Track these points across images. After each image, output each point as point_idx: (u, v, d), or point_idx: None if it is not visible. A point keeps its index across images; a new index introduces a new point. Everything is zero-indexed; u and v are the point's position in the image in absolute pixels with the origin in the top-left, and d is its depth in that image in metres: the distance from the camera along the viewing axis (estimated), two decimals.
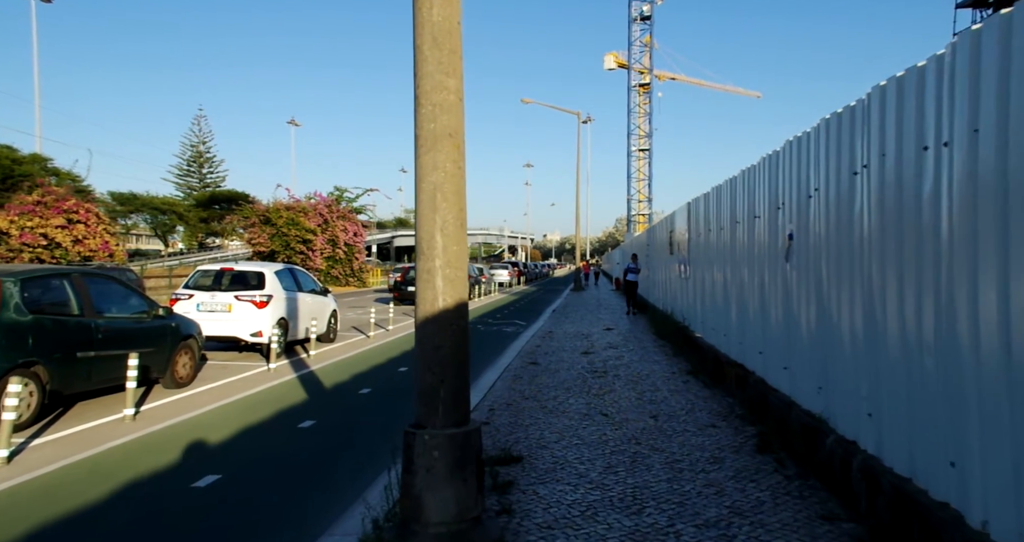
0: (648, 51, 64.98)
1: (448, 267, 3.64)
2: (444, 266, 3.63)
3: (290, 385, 9.18)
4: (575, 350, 12.27)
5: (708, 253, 9.62)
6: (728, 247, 8.22)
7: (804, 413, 5.02)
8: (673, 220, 13.71)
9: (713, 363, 8.59)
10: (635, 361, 10.70)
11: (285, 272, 12.00)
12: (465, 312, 3.79)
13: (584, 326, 16.81)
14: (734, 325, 7.84)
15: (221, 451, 6.00)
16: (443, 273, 3.63)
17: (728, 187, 8.24)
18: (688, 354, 10.55)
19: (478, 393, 8.47)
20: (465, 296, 3.78)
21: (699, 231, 10.38)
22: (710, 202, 9.49)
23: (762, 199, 6.57)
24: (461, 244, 3.70)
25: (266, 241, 34.71)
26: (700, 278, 10.41)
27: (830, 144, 4.61)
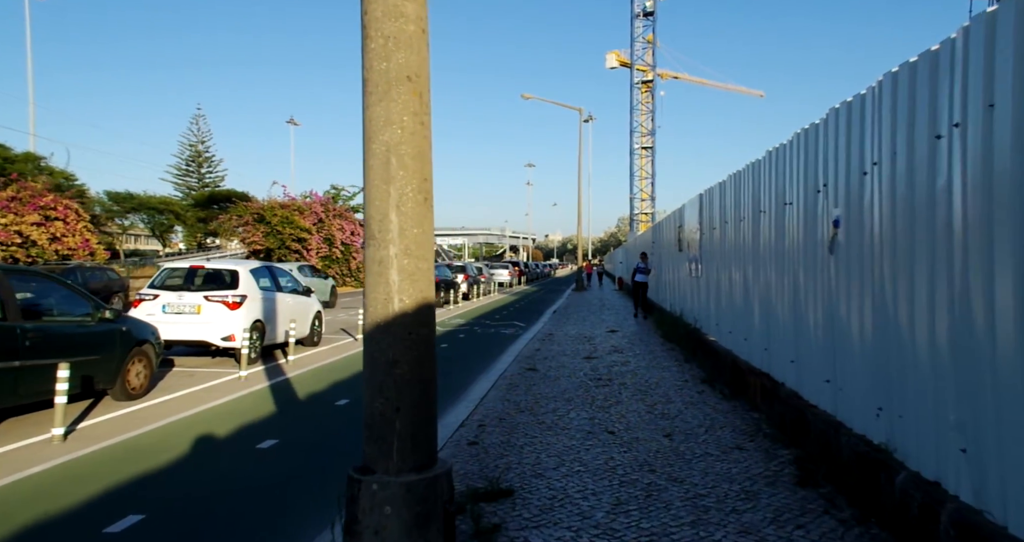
0: (651, 48, 64.03)
1: (407, 256, 2.71)
2: (401, 254, 2.70)
3: (260, 395, 8.25)
4: (577, 354, 11.33)
5: (724, 249, 8.69)
6: (750, 241, 7.28)
7: (858, 439, 4.08)
8: (682, 215, 12.77)
9: (732, 371, 7.66)
10: (643, 367, 9.76)
11: (262, 271, 11.09)
12: (430, 317, 2.87)
13: (587, 328, 15.87)
14: (757, 329, 6.90)
15: (155, 481, 5.07)
16: (399, 264, 2.70)
17: (750, 173, 7.31)
18: (701, 360, 9.61)
19: (467, 404, 7.55)
20: (430, 295, 2.85)
21: (713, 225, 9.44)
22: (726, 192, 8.55)
23: (795, 183, 5.63)
24: (424, 226, 2.78)
25: (260, 240, 33.85)
26: (714, 277, 9.48)
27: (898, 104, 3.67)
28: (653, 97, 64.44)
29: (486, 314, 21.49)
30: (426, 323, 2.79)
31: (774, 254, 6.29)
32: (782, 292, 6.01)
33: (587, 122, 70.18)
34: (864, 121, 4.15)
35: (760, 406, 6.42)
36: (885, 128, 3.84)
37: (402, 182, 2.69)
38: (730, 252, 8.32)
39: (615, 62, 70.18)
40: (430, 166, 2.80)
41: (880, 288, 3.91)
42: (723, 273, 8.75)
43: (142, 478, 5.11)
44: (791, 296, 5.73)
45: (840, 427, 4.38)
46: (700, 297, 10.69)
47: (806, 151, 5.32)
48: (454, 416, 7.01)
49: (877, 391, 3.94)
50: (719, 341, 9.06)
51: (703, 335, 10.13)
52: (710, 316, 9.87)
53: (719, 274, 9.09)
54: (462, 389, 8.73)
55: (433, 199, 2.85)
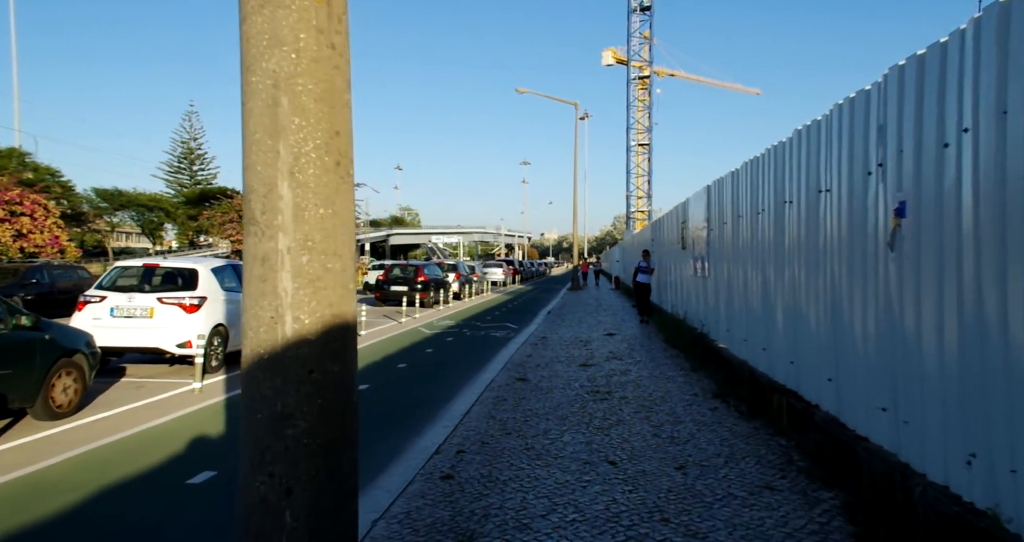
0: (648, 43, 63.08)
1: (306, 251, 1.74)
2: (297, 249, 1.73)
3: (212, 412, 7.26)
4: (572, 361, 10.37)
5: (738, 246, 7.73)
6: (770, 237, 6.33)
7: (941, 495, 3.12)
8: (686, 210, 11.81)
9: (749, 385, 6.70)
10: (645, 377, 8.80)
11: (226, 269, 10.08)
12: (347, 346, 1.89)
13: (582, 331, 14.91)
14: (780, 338, 5.95)
15: (41, 532, 4.08)
16: (294, 264, 1.73)
17: (771, 159, 6.35)
18: (711, 369, 8.65)
19: (448, 422, 6.58)
20: (347, 312, 1.87)
21: (724, 220, 8.48)
22: (740, 183, 7.60)
23: (834, 165, 4.67)
24: (337, 204, 1.80)
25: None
26: (724, 277, 8.52)
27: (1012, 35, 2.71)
28: (650, 93, 63.50)
29: (477, 315, 20.52)
30: (340, 356, 1.83)
31: (804, 251, 5.33)
32: (815, 296, 5.05)
33: (583, 119, 69.32)
34: (947, 79, 3.18)
35: (787, 430, 5.46)
36: (981, 87, 2.87)
37: (298, 136, 1.72)
38: (745, 250, 7.37)
39: (611, 59, 69.27)
40: (347, 114, 1.82)
41: (975, 293, 2.94)
42: (736, 273, 7.80)
43: (31, 527, 4.12)
44: (827, 301, 4.77)
45: (909, 473, 3.42)
46: (707, 299, 9.73)
47: (852, 124, 4.35)
48: (430, 438, 6.04)
49: (969, 431, 2.98)
50: (731, 349, 8.10)
51: (711, 342, 9.17)
52: (719, 321, 8.91)
53: (731, 274, 8.14)
54: (444, 403, 7.76)
55: (354, 166, 1.87)
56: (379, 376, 9.71)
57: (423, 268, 22.92)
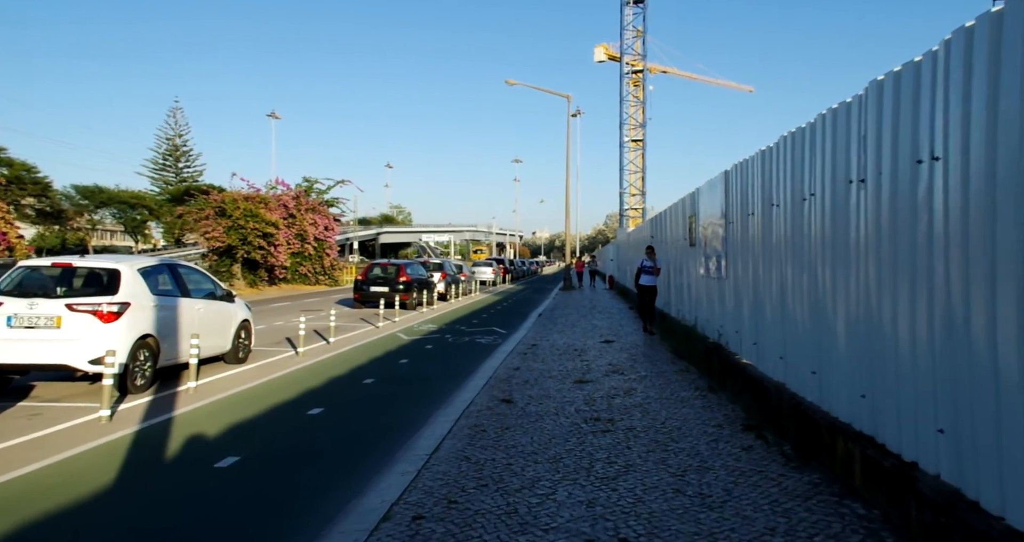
0: (641, 37, 61.70)
1: None
2: None
3: (111, 452, 5.74)
4: (566, 376, 8.92)
5: (771, 241, 6.30)
6: (822, 229, 4.90)
7: None
8: (695, 202, 10.38)
9: (793, 417, 5.26)
10: (654, 399, 7.36)
11: (160, 270, 8.57)
12: None
13: (576, 337, 13.46)
14: (844, 361, 4.51)
15: None
16: None
17: (824, 127, 4.91)
18: (733, 390, 7.22)
19: (409, 466, 5.13)
20: None
21: (750, 210, 7.05)
22: (775, 163, 6.17)
23: (944, 125, 3.23)
24: None
25: (221, 235, 31.16)
26: (749, 279, 7.10)
27: None
28: (643, 88, 62.12)
29: (463, 318, 19.05)
30: None
31: (883, 246, 3.90)
32: (908, 309, 3.61)
33: (575, 116, 67.90)
34: None
35: (863, 492, 4.01)
36: None
37: None
38: (781, 246, 5.93)
39: (603, 55, 67.94)
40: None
41: None
42: (767, 275, 6.36)
43: None
44: (935, 314, 3.34)
45: None
46: (724, 304, 8.30)
47: (949, 79, 2.91)
48: (378, 495, 4.57)
49: None
50: (759, 366, 6.67)
51: (731, 355, 7.74)
52: (741, 331, 7.48)
53: (759, 276, 6.71)
54: (409, 433, 6.30)
55: None
56: (338, 395, 8.23)
57: (405, 267, 21.40)
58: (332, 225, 39.23)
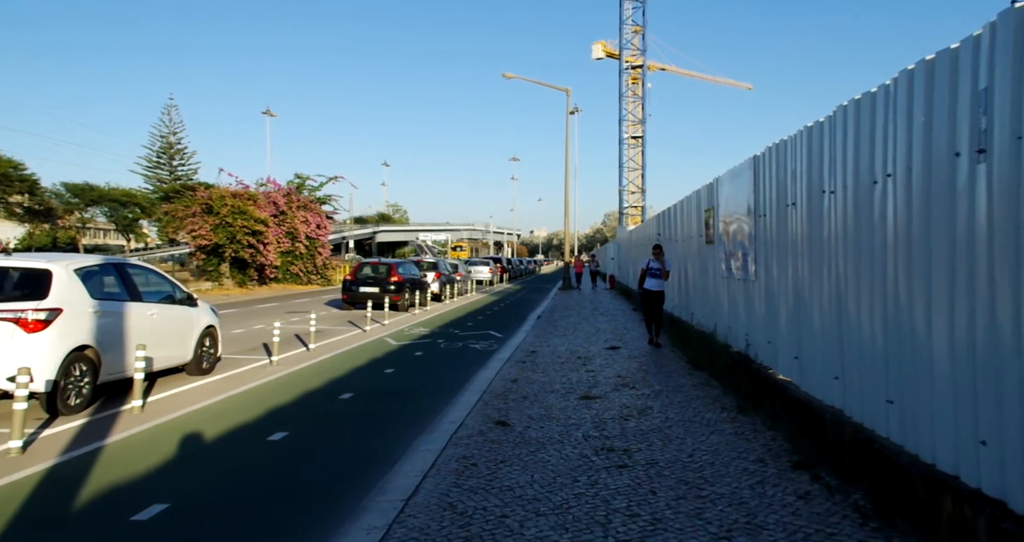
0: (641, 32, 60.62)
1: None
2: None
3: (7, 497, 4.65)
4: (570, 391, 7.85)
5: (820, 238, 5.22)
6: (903, 219, 3.81)
7: None
8: (714, 193, 9.30)
9: (861, 456, 4.18)
10: (674, 421, 6.28)
11: (105, 270, 7.47)
12: None
13: (579, 342, 12.39)
14: (945, 393, 3.43)
15: None
16: None
17: (900, 93, 3.82)
18: (769, 411, 6.14)
19: (377, 520, 4.04)
20: None
21: (790, 200, 5.97)
22: (822, 145, 5.09)
23: None
24: None
25: (208, 233, 30.02)
26: (787, 282, 6.03)
27: None
28: (643, 83, 61.05)
29: (457, 320, 17.96)
30: None
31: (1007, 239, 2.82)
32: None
33: (573, 113, 66.84)
34: None
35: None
36: None
37: None
38: (837, 242, 4.86)
39: (601, 52, 66.88)
40: None
41: None
42: (817, 276, 5.28)
43: None
44: None
45: None
46: (754, 310, 7.22)
47: None
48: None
49: None
50: (806, 387, 5.58)
51: (763, 369, 6.66)
52: (777, 341, 6.40)
53: (802, 277, 5.63)
54: (384, 467, 5.21)
55: None
56: (309, 415, 7.13)
57: (396, 267, 20.28)
58: (324, 223, 38.10)
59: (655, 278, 11.36)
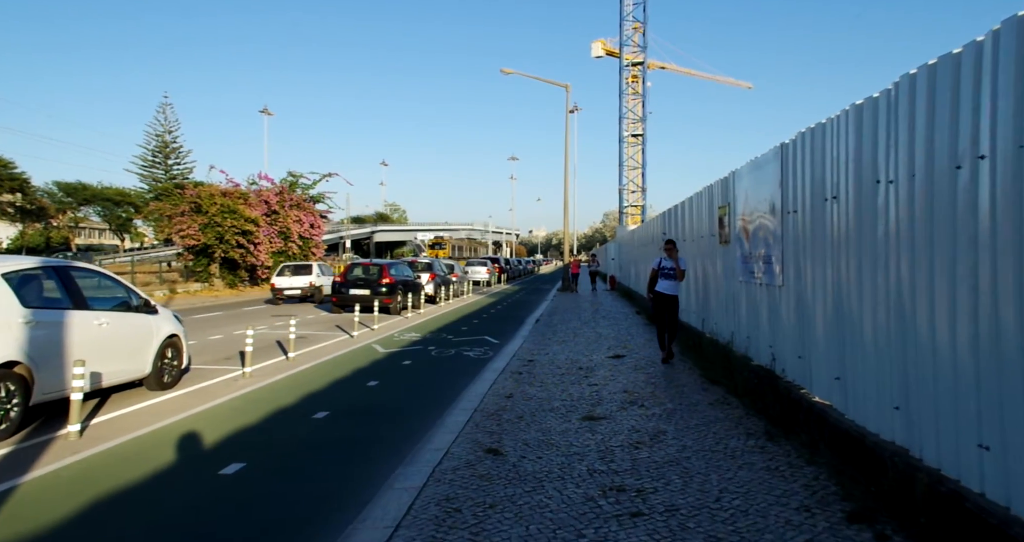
0: (642, 28, 59.76)
1: None
2: None
3: None
4: (571, 409, 6.98)
5: (870, 234, 4.36)
6: (1004, 209, 2.94)
7: None
8: (729, 188, 8.44)
9: (943, 512, 3.31)
10: (693, 450, 5.40)
11: (47, 274, 6.59)
12: None
13: (580, 349, 11.52)
14: None
15: None
16: None
17: (985, 57, 2.96)
18: (804, 439, 5.26)
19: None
20: None
21: (828, 193, 5.10)
22: (876, 126, 4.22)
23: None
24: None
25: (196, 233, 29.10)
26: (825, 285, 5.16)
27: None
28: (643, 79, 60.16)
29: (451, 324, 17.07)
30: None
31: None
32: None
33: (573, 112, 65.91)
34: None
35: None
36: None
37: None
38: (896, 240, 3.98)
39: (601, 51, 66.04)
40: None
41: None
42: (870, 281, 4.40)
43: None
44: None
45: None
46: (781, 319, 6.35)
47: None
48: None
49: None
50: (852, 414, 4.71)
51: (795, 390, 5.78)
52: (811, 357, 5.53)
53: (846, 282, 4.76)
54: (349, 513, 4.33)
55: None
56: (274, 438, 6.26)
57: (388, 268, 19.37)
58: (318, 222, 37.18)
59: (669, 279, 9.71)
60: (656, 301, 9.86)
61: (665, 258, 9.76)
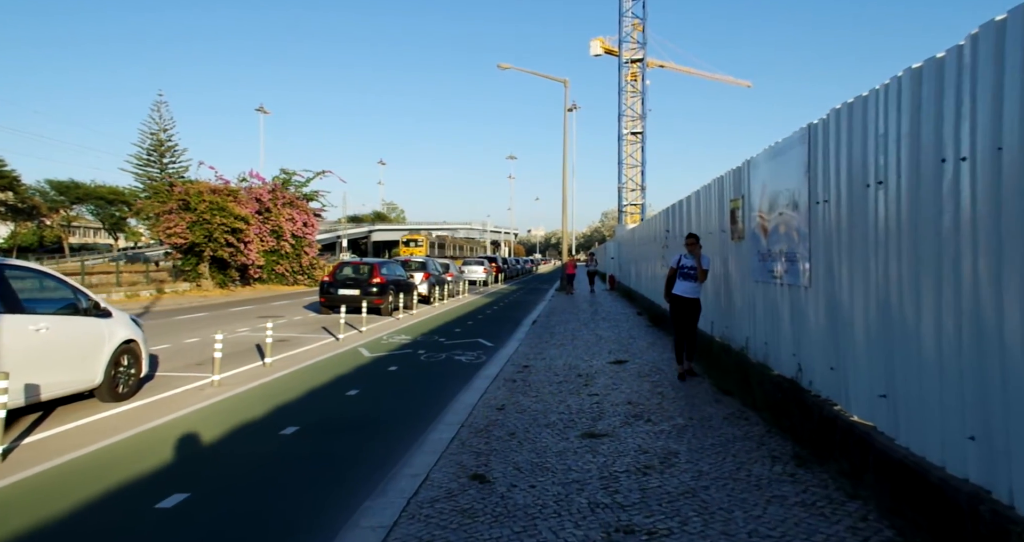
0: (641, 25, 58.99)
1: None
2: None
3: None
4: (569, 424, 6.22)
5: (933, 225, 3.59)
6: None
7: None
8: (742, 179, 7.67)
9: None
10: (712, 479, 4.63)
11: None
12: None
13: (579, 353, 10.75)
14: None
15: None
16: None
17: None
18: (844, 466, 4.49)
19: None
20: None
21: (872, 179, 4.33)
22: (935, 96, 3.45)
23: None
24: None
25: (184, 231, 28.27)
26: (869, 286, 4.40)
27: None
28: (643, 78, 59.39)
29: (444, 326, 16.29)
30: None
31: None
32: None
33: (571, 110, 65.11)
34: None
35: None
36: None
37: None
38: (979, 225, 3.21)
39: (600, 49, 65.28)
40: None
41: None
42: (931, 283, 3.63)
43: None
44: None
45: None
46: (808, 325, 5.58)
47: None
48: None
49: None
50: (904, 440, 3.93)
51: (827, 406, 5.01)
52: (845, 368, 4.76)
53: (895, 282, 3.99)
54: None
55: None
56: (231, 460, 5.48)
57: (379, 267, 18.58)
58: (312, 221, 36.39)
59: (689, 281, 8.25)
60: (675, 306, 8.41)
61: (686, 255, 8.35)
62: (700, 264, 8.25)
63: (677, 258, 8.43)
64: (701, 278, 8.26)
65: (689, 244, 8.36)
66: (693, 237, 8.41)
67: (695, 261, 8.25)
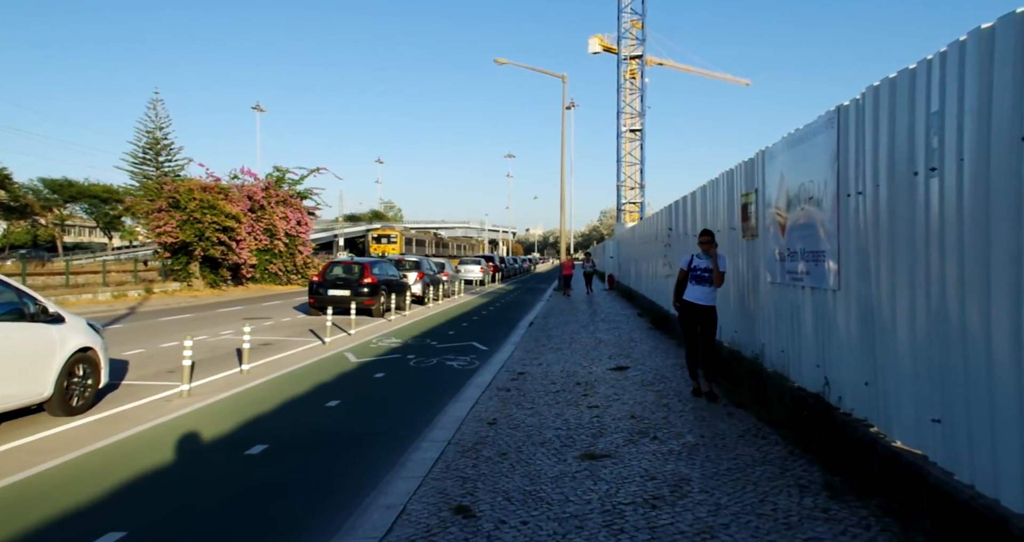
0: (641, 20, 58.33)
1: None
2: None
3: None
4: (566, 443, 5.58)
5: (997, 219, 2.93)
6: None
7: None
8: (756, 172, 7.03)
9: None
10: (732, 515, 3.98)
11: None
12: None
13: (577, 358, 10.11)
14: None
15: None
16: None
17: None
18: (887, 500, 3.85)
19: None
20: None
21: (922, 164, 3.69)
22: (1014, 63, 2.80)
23: None
24: None
25: (173, 230, 27.58)
26: (919, 291, 3.76)
27: None
28: (642, 75, 58.72)
29: (437, 328, 15.63)
30: None
31: None
32: None
33: (570, 109, 64.50)
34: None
35: None
36: None
37: None
38: None
39: (598, 47, 64.61)
40: None
41: None
42: (1005, 288, 2.98)
43: None
44: None
45: None
46: (837, 333, 4.94)
47: None
48: None
49: None
50: (962, 475, 3.29)
51: (862, 427, 4.37)
52: (883, 385, 4.13)
53: (953, 286, 3.35)
54: None
55: None
56: (184, 487, 4.81)
57: (371, 266, 17.90)
58: (306, 220, 35.70)
59: (703, 285, 7.07)
60: (686, 314, 7.24)
61: (698, 256, 7.18)
62: (716, 266, 7.02)
63: (688, 259, 7.29)
64: (717, 282, 7.05)
65: (703, 242, 7.15)
66: (708, 234, 7.18)
67: (710, 262, 7.06)
